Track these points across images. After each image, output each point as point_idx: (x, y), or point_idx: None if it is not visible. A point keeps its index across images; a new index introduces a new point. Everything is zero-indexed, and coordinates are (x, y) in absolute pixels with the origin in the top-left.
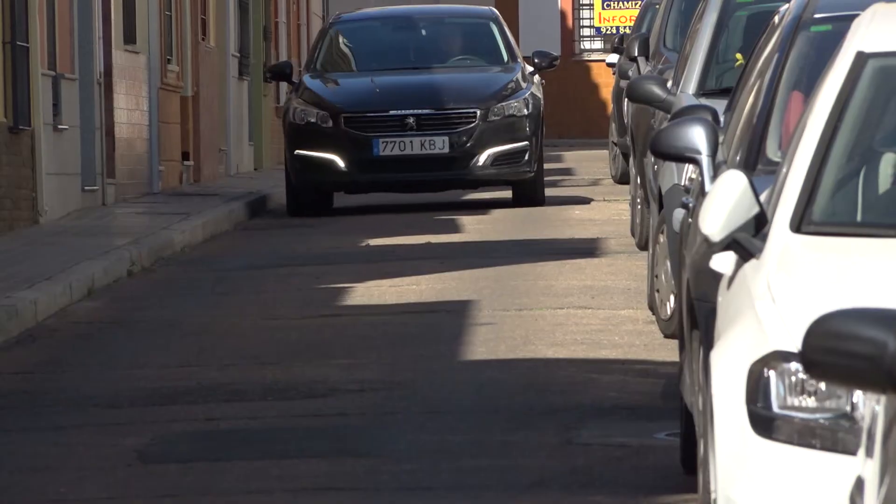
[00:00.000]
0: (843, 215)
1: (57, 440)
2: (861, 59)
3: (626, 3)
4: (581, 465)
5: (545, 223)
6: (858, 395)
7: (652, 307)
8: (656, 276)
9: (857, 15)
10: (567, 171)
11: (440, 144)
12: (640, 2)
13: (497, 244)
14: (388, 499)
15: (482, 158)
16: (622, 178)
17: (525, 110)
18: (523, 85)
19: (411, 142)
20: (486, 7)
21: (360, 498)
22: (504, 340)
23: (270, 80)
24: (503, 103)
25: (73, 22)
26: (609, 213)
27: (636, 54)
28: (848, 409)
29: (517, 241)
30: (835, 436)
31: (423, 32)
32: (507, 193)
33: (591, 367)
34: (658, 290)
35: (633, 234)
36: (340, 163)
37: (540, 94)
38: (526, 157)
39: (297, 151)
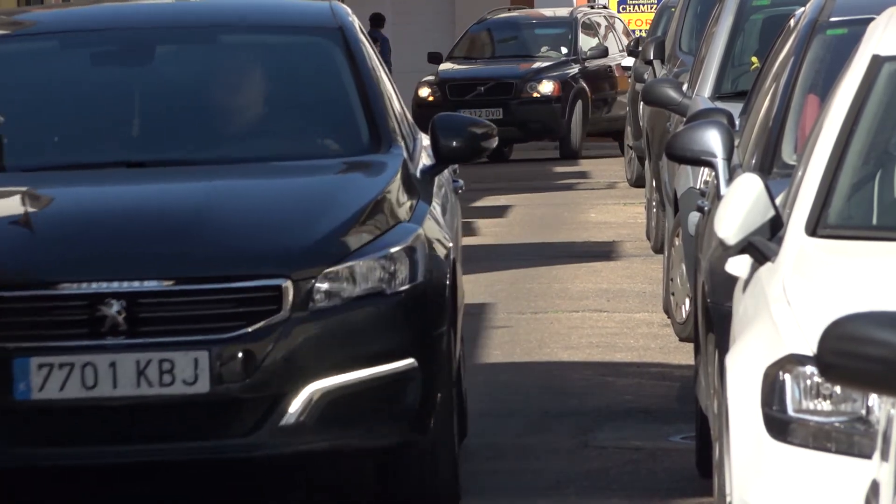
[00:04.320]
0: (859, 219)
1: None
2: (877, 62)
3: (642, 6)
4: (597, 469)
5: (561, 226)
6: (874, 399)
7: (667, 310)
8: (672, 280)
9: (872, 18)
10: (583, 175)
11: (187, 373)
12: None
13: (512, 247)
14: None
15: (296, 406)
16: (638, 182)
17: (409, 276)
18: (407, 204)
19: (114, 365)
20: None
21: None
22: (519, 343)
23: None
24: (354, 262)
25: None
26: (624, 216)
27: (652, 57)
28: (863, 412)
29: (532, 244)
30: (850, 439)
31: (166, 69)
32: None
33: (607, 370)
34: (673, 294)
35: (648, 238)
36: None
37: (448, 237)
38: (409, 401)
39: None
